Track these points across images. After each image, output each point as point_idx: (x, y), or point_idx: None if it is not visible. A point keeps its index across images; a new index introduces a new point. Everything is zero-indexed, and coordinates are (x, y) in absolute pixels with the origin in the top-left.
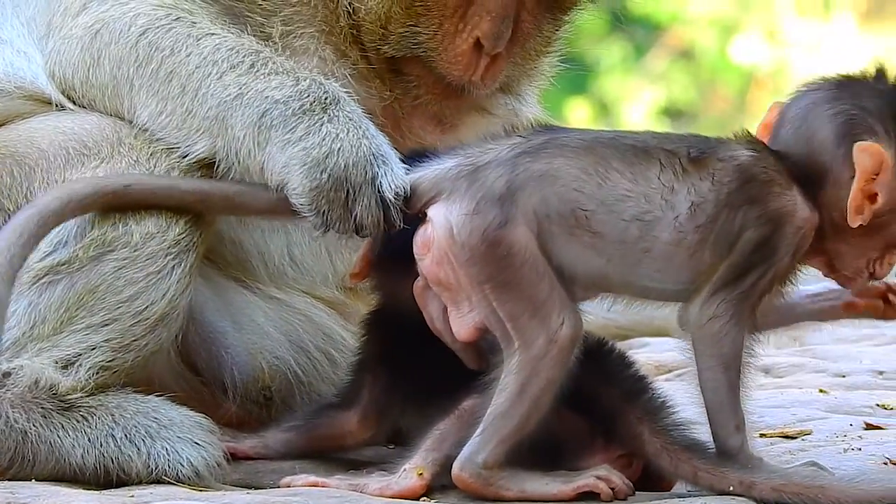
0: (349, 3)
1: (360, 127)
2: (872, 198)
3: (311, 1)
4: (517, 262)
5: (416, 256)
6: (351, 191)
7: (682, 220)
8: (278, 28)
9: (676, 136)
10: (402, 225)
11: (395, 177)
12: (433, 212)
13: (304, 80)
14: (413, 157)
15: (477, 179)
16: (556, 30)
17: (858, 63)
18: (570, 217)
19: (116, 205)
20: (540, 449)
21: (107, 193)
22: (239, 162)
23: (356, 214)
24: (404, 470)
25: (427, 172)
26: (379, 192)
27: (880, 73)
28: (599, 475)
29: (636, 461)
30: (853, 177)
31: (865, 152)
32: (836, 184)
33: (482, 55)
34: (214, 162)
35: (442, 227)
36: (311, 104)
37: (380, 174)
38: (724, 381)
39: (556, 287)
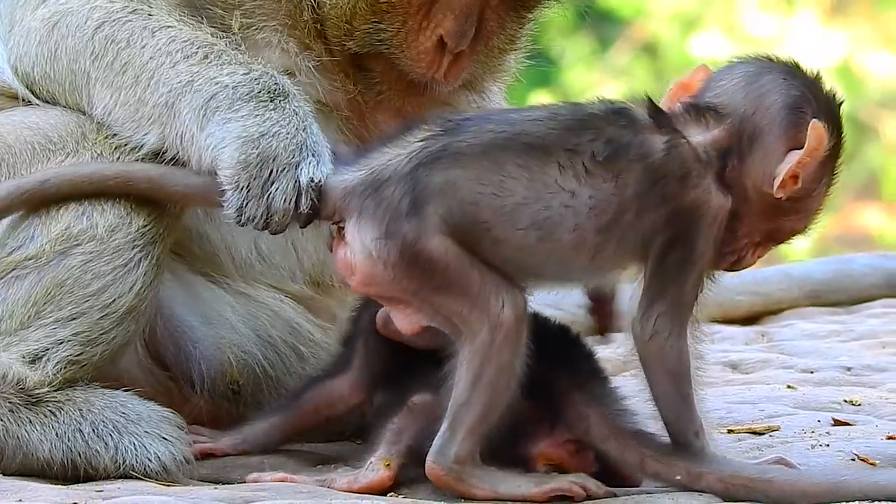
0: None
1: (304, 121)
2: (794, 179)
3: None
4: (441, 267)
5: (341, 274)
6: (274, 171)
7: (582, 223)
8: (238, 20)
9: (581, 121)
10: (308, 212)
11: (319, 170)
12: (349, 236)
13: (257, 71)
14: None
15: (382, 199)
16: (521, 28)
17: (820, 57)
18: (472, 228)
19: (38, 201)
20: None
21: (23, 193)
22: (183, 148)
23: (270, 195)
24: (370, 463)
25: (336, 181)
26: (297, 178)
27: (819, 78)
28: (575, 481)
29: (584, 449)
30: (789, 150)
31: (818, 132)
32: (765, 151)
33: (445, 53)
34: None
35: (360, 252)
36: (259, 91)
37: (304, 163)
38: (675, 392)
39: (486, 274)
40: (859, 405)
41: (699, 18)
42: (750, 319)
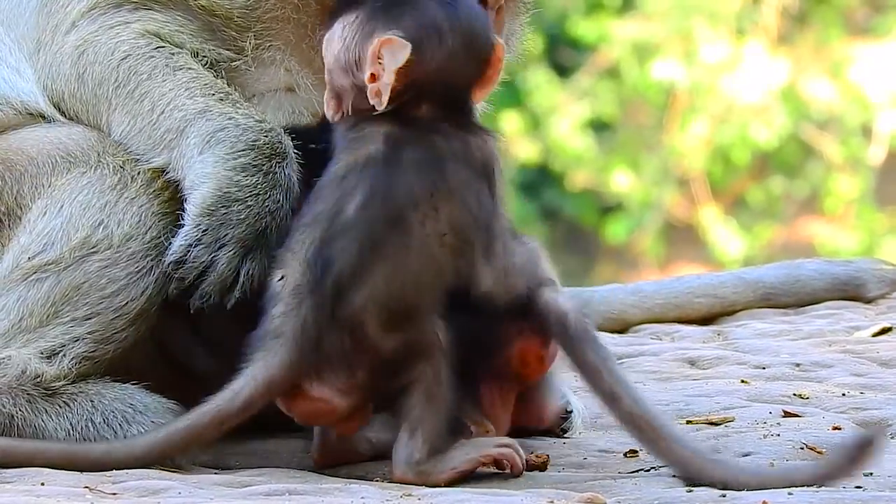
0: None
1: (279, 200)
2: None
3: (282, 16)
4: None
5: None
6: (227, 236)
7: (466, 233)
8: (251, 42)
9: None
10: (236, 299)
11: (257, 264)
12: (317, 392)
13: (268, 124)
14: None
15: (322, 346)
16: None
17: (768, 82)
18: (402, 309)
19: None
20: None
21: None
22: (181, 169)
23: (217, 256)
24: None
25: (273, 363)
26: (242, 260)
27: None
28: (503, 451)
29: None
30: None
31: (499, 52)
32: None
33: None
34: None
35: (333, 386)
36: (263, 143)
37: (254, 253)
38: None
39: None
40: (807, 398)
41: (659, 46)
42: (707, 320)
